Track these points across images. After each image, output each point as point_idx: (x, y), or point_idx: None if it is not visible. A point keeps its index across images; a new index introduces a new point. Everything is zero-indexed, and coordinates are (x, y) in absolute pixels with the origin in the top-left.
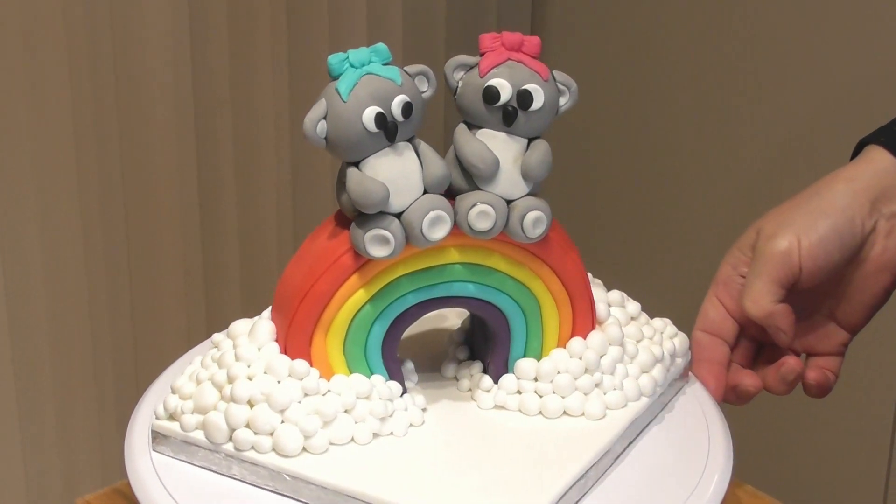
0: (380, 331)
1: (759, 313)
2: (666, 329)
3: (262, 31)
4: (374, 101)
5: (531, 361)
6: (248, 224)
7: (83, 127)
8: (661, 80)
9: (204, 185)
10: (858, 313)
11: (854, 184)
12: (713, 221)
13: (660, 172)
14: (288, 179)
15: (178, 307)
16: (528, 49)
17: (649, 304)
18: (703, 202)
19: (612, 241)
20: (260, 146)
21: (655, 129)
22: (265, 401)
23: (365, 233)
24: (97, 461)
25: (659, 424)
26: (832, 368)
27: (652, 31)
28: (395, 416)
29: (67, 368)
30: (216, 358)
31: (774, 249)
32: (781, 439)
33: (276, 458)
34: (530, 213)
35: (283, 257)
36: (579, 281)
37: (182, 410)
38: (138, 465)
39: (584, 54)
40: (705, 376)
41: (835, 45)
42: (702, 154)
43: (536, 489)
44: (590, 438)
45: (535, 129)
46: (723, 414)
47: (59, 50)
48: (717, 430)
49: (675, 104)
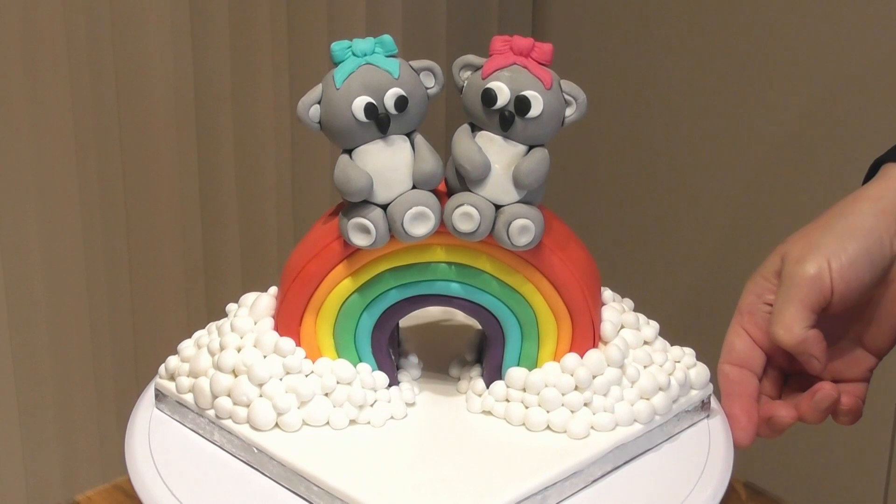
0: (368, 321)
1: (791, 341)
2: (684, 358)
3: (263, 27)
4: (365, 91)
5: (522, 371)
6: (250, 219)
7: (83, 119)
8: (664, 84)
9: (204, 180)
10: (886, 336)
11: (879, 203)
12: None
13: (662, 176)
14: (289, 174)
15: (179, 302)
16: (537, 55)
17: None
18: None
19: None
20: (261, 141)
21: (659, 133)
22: (246, 373)
23: (348, 220)
24: (97, 457)
25: (656, 453)
26: (860, 395)
27: (655, 32)
28: (377, 406)
29: (67, 364)
30: (219, 326)
31: (804, 274)
32: (782, 438)
33: (248, 430)
34: (517, 221)
35: (283, 252)
36: (578, 295)
37: (179, 372)
38: (138, 461)
39: (585, 55)
40: (737, 413)
41: (839, 46)
42: (708, 156)
43: (482, 495)
44: (564, 456)
45: (535, 137)
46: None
47: (58, 45)
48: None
49: (679, 107)
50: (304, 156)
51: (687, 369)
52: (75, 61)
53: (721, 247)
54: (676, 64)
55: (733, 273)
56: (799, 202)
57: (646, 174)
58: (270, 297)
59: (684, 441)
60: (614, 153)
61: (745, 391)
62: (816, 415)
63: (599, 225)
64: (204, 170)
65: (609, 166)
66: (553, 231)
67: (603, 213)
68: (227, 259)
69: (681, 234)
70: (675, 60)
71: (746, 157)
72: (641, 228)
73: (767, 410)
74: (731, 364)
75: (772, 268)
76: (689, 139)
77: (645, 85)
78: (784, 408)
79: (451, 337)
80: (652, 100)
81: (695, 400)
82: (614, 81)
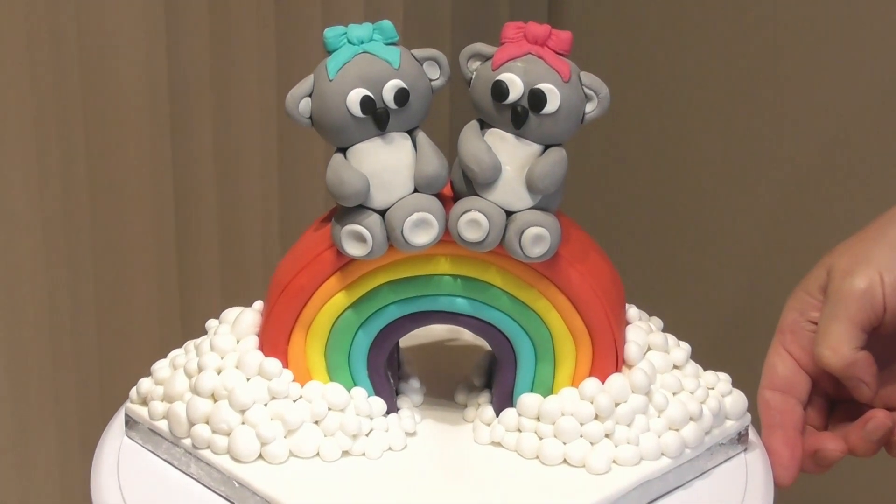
0: (364, 340)
1: (838, 363)
2: (718, 385)
3: (247, 9)
4: (362, 83)
5: (536, 397)
6: (231, 225)
7: (44, 112)
8: (697, 78)
9: (180, 181)
10: None
11: None
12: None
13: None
14: (275, 175)
15: (151, 318)
16: (554, 44)
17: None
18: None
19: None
20: (243, 138)
21: (690, 132)
22: (227, 397)
23: (342, 227)
24: (57, 492)
25: (686, 491)
26: None
27: (689, 19)
28: (373, 436)
29: (23, 387)
30: (197, 345)
31: (853, 288)
32: (829, 474)
33: (229, 462)
34: (530, 230)
35: (269, 263)
36: (599, 313)
37: (152, 396)
38: (105, 496)
39: (609, 44)
40: (778, 447)
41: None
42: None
43: None
44: (582, 493)
45: (552, 136)
46: (773, 493)
47: (17, 30)
48: None
49: (714, 104)
50: (292, 155)
51: (722, 397)
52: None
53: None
54: (710, 57)
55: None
56: (846, 209)
57: (675, 178)
58: (255, 313)
59: (718, 478)
60: (640, 154)
61: (788, 421)
62: (868, 447)
63: (623, 234)
64: (179, 169)
65: (634, 169)
66: (571, 241)
67: (627, 220)
68: (205, 270)
69: (715, 244)
70: (708, 52)
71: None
72: (671, 238)
73: (813, 443)
74: (773, 390)
75: (816, 282)
76: (724, 137)
77: (675, 79)
78: (832, 440)
79: (457, 359)
80: (683, 95)
81: (730, 431)
82: (641, 74)
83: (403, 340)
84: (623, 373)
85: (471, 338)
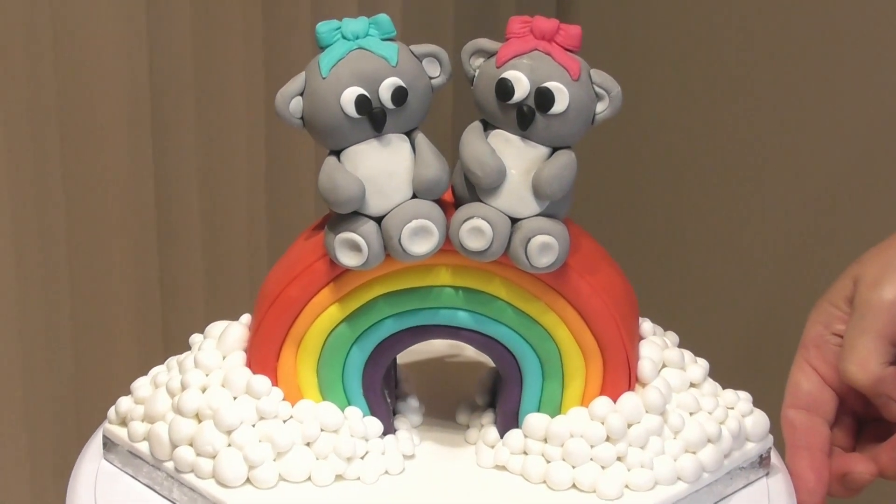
0: (360, 356)
1: (865, 379)
2: (739, 404)
3: (233, 2)
4: (357, 82)
5: (543, 418)
6: (216, 233)
7: (15, 115)
8: (714, 77)
9: (161, 186)
10: None
11: None
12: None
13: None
14: (263, 180)
15: (130, 333)
16: (563, 40)
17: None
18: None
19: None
20: (229, 140)
21: (709, 134)
22: (212, 417)
23: (335, 235)
24: None
25: None
26: None
27: (707, 12)
28: (368, 459)
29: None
30: (181, 361)
31: (882, 299)
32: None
33: (214, 487)
34: (537, 238)
35: (257, 274)
36: (611, 327)
37: (132, 416)
38: None
39: (621, 40)
40: (804, 470)
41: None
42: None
43: None
44: None
45: (560, 138)
46: None
47: None
48: None
49: (736, 105)
50: (282, 158)
51: (742, 417)
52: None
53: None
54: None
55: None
56: (873, 216)
57: (691, 184)
58: (242, 328)
59: None
60: (654, 158)
61: (813, 442)
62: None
63: (636, 243)
64: (161, 174)
65: (647, 174)
66: (581, 250)
67: (641, 229)
68: (188, 281)
69: (734, 253)
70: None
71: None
72: (687, 247)
73: (841, 465)
74: (797, 409)
75: (842, 293)
76: (744, 141)
77: (692, 78)
78: (861, 462)
79: (459, 376)
80: (700, 96)
81: (751, 454)
82: (655, 71)
83: (401, 357)
84: (636, 391)
85: (473, 354)
